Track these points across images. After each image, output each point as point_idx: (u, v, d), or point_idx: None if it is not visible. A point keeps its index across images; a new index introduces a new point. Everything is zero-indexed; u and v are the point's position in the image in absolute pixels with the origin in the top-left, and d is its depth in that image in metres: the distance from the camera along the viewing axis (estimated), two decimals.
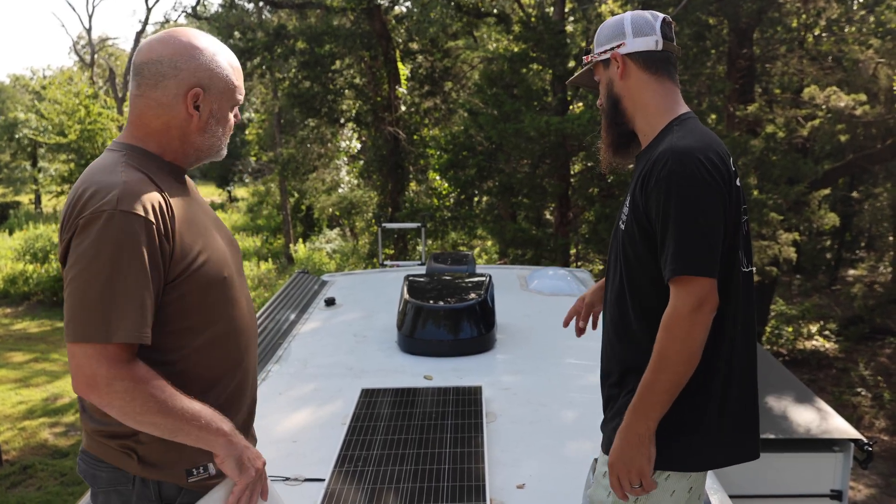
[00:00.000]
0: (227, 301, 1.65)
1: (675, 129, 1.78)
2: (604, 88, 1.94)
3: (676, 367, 1.65)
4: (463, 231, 12.60)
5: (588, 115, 9.99)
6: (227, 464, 1.58)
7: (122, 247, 1.45)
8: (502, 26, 13.43)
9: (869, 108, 10.89)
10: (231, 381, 1.68)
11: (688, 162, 1.66)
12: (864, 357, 12.01)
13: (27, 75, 29.66)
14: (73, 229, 1.48)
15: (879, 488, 8.06)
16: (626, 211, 1.82)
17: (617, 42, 1.88)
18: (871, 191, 14.40)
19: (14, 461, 7.58)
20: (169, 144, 1.64)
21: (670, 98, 1.86)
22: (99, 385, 1.43)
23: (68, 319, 1.45)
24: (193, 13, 15.67)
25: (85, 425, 1.62)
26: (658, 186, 1.68)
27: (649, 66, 1.85)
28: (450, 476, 2.54)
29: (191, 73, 1.61)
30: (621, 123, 1.92)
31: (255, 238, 21.65)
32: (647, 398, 1.68)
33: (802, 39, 11.95)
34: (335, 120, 14.60)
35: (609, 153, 1.98)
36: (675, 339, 1.64)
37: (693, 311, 1.63)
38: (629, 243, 1.78)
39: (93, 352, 1.43)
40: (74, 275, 1.45)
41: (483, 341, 3.91)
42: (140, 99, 1.62)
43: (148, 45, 1.62)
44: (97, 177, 1.53)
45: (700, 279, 1.63)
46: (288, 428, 3.09)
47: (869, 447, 3.50)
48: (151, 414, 1.46)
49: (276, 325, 4.41)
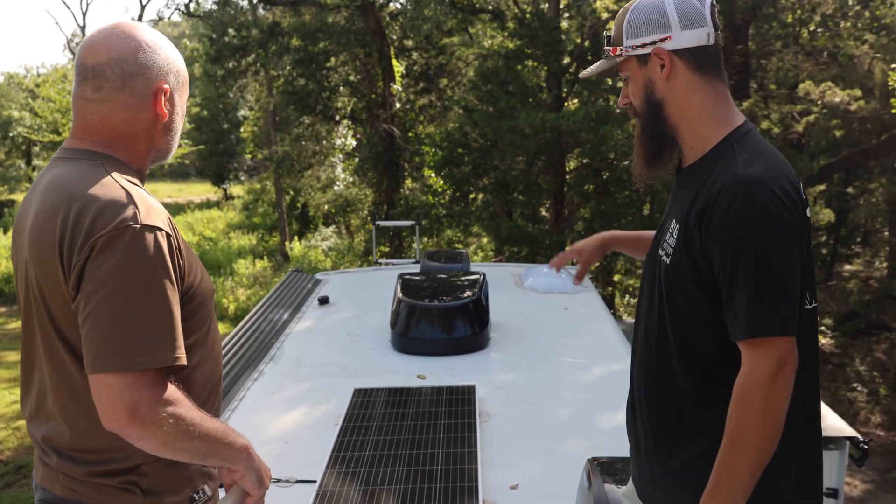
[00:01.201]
0: (212, 315, 1.61)
1: (735, 147, 1.48)
2: (639, 90, 1.60)
3: (761, 444, 1.39)
4: (458, 228, 12.58)
5: (583, 112, 9.97)
6: (248, 478, 1.53)
7: (154, 263, 1.35)
8: (497, 23, 13.40)
9: (864, 103, 10.88)
10: (217, 393, 1.65)
11: (761, 198, 1.38)
12: (860, 352, 12.01)
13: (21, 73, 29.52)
14: (90, 251, 1.33)
15: (875, 484, 8.06)
16: (671, 242, 1.54)
17: (661, 35, 1.54)
18: (866, 186, 14.39)
19: (8, 461, 7.55)
20: (135, 150, 1.53)
21: (723, 104, 1.56)
22: (142, 415, 1.31)
23: (99, 347, 1.31)
24: (187, 11, 15.60)
25: (64, 471, 1.47)
26: (724, 228, 1.40)
27: (700, 65, 1.54)
28: (442, 477, 2.52)
29: (157, 70, 1.51)
30: (664, 135, 1.60)
31: (250, 236, 21.59)
32: (730, 483, 1.42)
33: (798, 35, 11.94)
34: (330, 117, 14.56)
35: (645, 167, 1.66)
36: (756, 411, 1.38)
37: (773, 376, 1.38)
38: (675, 280, 1.52)
39: (133, 379, 1.31)
40: (102, 299, 1.32)
41: (477, 340, 3.88)
42: (101, 103, 1.48)
43: (103, 44, 1.48)
44: (92, 191, 1.38)
45: (780, 339, 1.38)
46: (280, 428, 3.07)
47: (864, 445, 3.48)
48: (191, 439, 1.37)
49: (269, 324, 4.38)
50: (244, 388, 3.48)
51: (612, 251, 2.24)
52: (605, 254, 2.23)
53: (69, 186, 1.41)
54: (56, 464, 1.48)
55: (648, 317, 1.64)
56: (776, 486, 1.52)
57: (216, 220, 24.86)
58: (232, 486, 1.56)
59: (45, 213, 1.42)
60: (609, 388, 3.39)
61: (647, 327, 1.64)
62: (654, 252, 1.65)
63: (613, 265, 12.60)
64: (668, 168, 1.66)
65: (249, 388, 3.48)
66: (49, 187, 1.45)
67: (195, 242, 20.07)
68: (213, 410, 1.61)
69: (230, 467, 1.51)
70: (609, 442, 2.84)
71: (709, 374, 1.52)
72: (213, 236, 21.56)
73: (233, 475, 1.54)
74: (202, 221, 24.45)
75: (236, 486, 1.56)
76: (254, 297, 14.74)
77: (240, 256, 18.26)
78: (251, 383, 3.54)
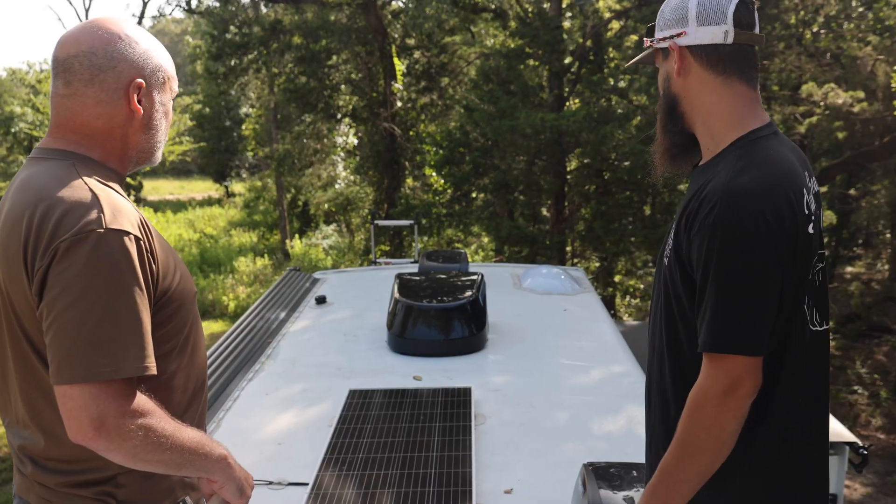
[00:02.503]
0: (194, 318, 1.55)
1: (737, 153, 1.44)
2: (660, 82, 1.61)
3: (700, 457, 1.38)
4: (459, 228, 12.55)
5: (584, 112, 9.94)
6: (228, 488, 1.49)
7: (119, 269, 1.29)
8: (499, 22, 13.36)
9: (867, 105, 10.84)
10: (201, 398, 1.60)
11: (741, 209, 1.34)
12: (861, 355, 11.97)
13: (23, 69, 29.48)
14: (52, 255, 1.28)
15: (876, 487, 8.02)
16: (670, 244, 1.53)
17: (677, 29, 1.51)
18: (868, 188, 14.36)
19: (6, 457, 7.53)
20: (112, 149, 1.46)
21: (740, 106, 1.50)
22: (108, 427, 1.25)
23: (62, 357, 1.26)
24: (188, 8, 15.56)
25: (39, 480, 1.43)
26: (701, 234, 1.38)
27: (714, 63, 1.50)
28: (436, 480, 2.49)
29: (129, 64, 1.43)
30: (678, 129, 1.59)
31: (251, 233, 21.58)
32: (667, 484, 1.43)
33: (800, 36, 11.89)
34: (331, 115, 14.53)
35: (661, 159, 1.64)
36: (701, 424, 1.37)
37: (723, 394, 1.35)
38: (671, 282, 1.51)
39: (98, 391, 1.25)
40: (65, 306, 1.26)
41: (474, 341, 3.85)
42: (72, 99, 1.42)
43: (74, 37, 1.43)
44: (57, 192, 1.32)
45: (737, 357, 1.34)
46: (273, 429, 3.04)
47: (864, 451, 3.45)
48: (162, 450, 1.32)
49: (266, 323, 4.35)
50: (238, 388, 3.46)
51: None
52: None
53: (37, 188, 1.36)
54: (31, 472, 1.44)
55: (654, 317, 1.64)
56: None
57: (217, 218, 24.86)
58: (212, 496, 1.53)
59: (12, 214, 1.37)
60: (607, 392, 3.36)
61: (653, 328, 1.64)
62: (662, 252, 1.63)
63: (614, 266, 12.57)
64: (685, 163, 1.64)
65: (244, 388, 3.45)
66: (19, 188, 1.40)
67: (196, 240, 20.04)
68: (196, 417, 1.56)
69: (208, 477, 1.47)
70: (605, 446, 2.81)
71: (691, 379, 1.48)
72: (214, 234, 21.54)
73: (212, 485, 1.50)
74: (203, 219, 24.45)
75: (216, 497, 1.52)
76: (254, 294, 14.72)
77: (240, 254, 18.24)
78: (246, 383, 3.51)
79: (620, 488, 2.07)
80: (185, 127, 27.69)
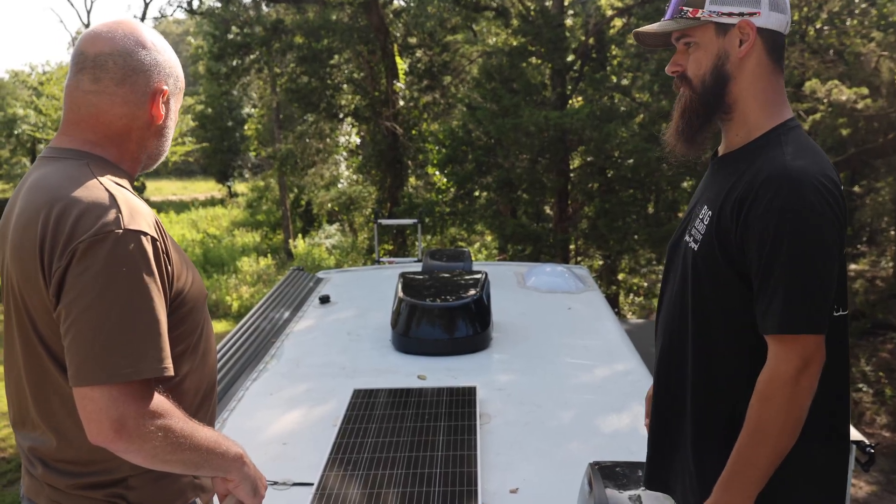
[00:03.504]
0: (206, 320, 1.55)
1: (782, 140, 1.46)
2: (709, 59, 1.52)
3: (779, 439, 1.40)
4: (462, 226, 12.54)
5: (587, 110, 9.92)
6: (243, 487, 1.48)
7: (138, 270, 1.29)
8: (501, 20, 13.34)
9: (871, 101, 10.80)
10: (211, 400, 1.60)
11: (807, 192, 1.37)
12: (866, 353, 11.94)
13: (26, 71, 29.51)
14: (70, 256, 1.27)
15: (881, 485, 8.00)
16: (700, 228, 1.52)
17: (751, 8, 1.48)
18: (872, 185, 14.31)
19: (10, 458, 7.54)
20: (127, 151, 1.47)
21: (780, 95, 1.53)
22: (129, 429, 1.25)
23: (82, 359, 1.26)
24: (190, 8, 15.57)
25: (49, 482, 1.43)
26: (767, 218, 1.38)
27: (774, 51, 1.51)
28: (441, 480, 2.48)
29: (159, 71, 1.47)
30: (717, 111, 1.54)
31: (254, 233, 21.60)
32: (745, 472, 1.43)
33: (804, 33, 11.86)
34: (334, 115, 14.52)
35: (683, 143, 1.59)
36: (778, 406, 1.39)
37: (798, 374, 1.37)
38: (705, 270, 1.50)
39: (118, 392, 1.25)
40: (84, 308, 1.26)
41: (478, 340, 3.84)
42: (99, 96, 1.42)
43: (108, 35, 1.44)
44: (73, 192, 1.32)
45: (809, 337, 1.38)
46: (278, 429, 3.04)
47: (871, 449, 3.43)
48: (181, 450, 1.32)
49: (270, 323, 4.35)
50: (243, 387, 3.45)
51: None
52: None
53: (52, 188, 1.35)
54: (41, 474, 1.44)
55: (671, 308, 1.62)
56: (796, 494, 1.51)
57: (220, 218, 24.88)
58: (226, 495, 1.52)
59: (26, 215, 1.36)
60: (612, 390, 3.34)
61: (670, 316, 1.62)
62: (680, 239, 1.62)
63: (618, 264, 12.55)
64: (703, 149, 1.60)
65: (248, 388, 3.45)
66: (32, 188, 1.40)
67: (199, 240, 20.06)
68: (206, 418, 1.56)
69: (224, 477, 1.46)
70: (611, 445, 2.80)
71: (721, 363, 1.51)
72: (217, 234, 21.56)
73: (227, 485, 1.49)
74: (206, 219, 24.47)
75: (231, 497, 1.51)
76: (257, 294, 14.73)
77: (243, 254, 18.26)
78: (250, 383, 3.51)
79: (627, 487, 2.06)
80: (187, 127, 27.71)
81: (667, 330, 1.64)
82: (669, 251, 1.67)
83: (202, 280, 1.56)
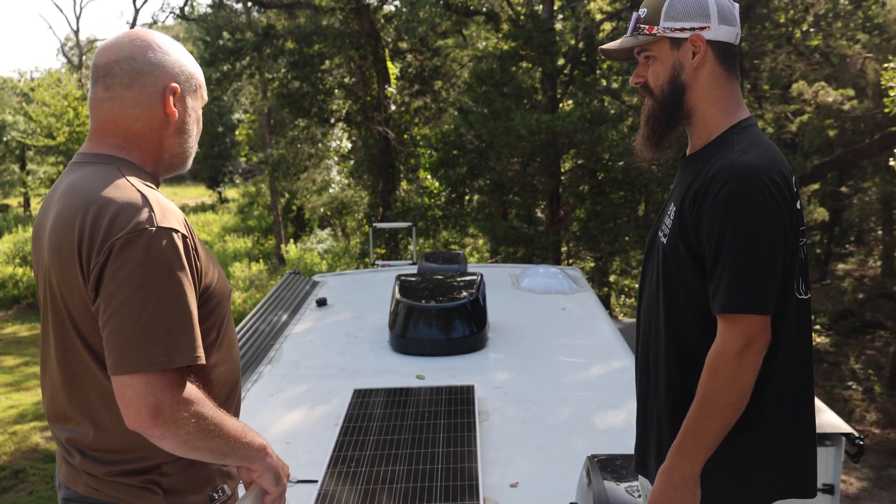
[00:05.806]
0: (228, 315, 1.62)
1: (735, 138, 1.59)
2: (665, 71, 1.66)
3: (724, 410, 1.52)
4: (455, 230, 12.59)
5: (578, 113, 10.00)
6: (266, 477, 1.55)
7: (171, 264, 1.37)
8: (491, 25, 13.42)
9: (857, 103, 10.94)
10: (237, 391, 1.67)
11: (751, 183, 1.50)
12: (855, 351, 12.06)
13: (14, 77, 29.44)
14: (107, 253, 1.35)
15: (871, 481, 8.10)
16: (668, 223, 1.65)
17: (701, 23, 1.61)
18: (859, 185, 14.46)
19: (5, 466, 7.54)
20: (150, 152, 1.54)
21: (735, 100, 1.66)
22: (164, 414, 1.33)
23: (121, 349, 1.33)
24: (181, 14, 15.58)
25: (87, 470, 1.49)
26: (714, 209, 1.51)
27: (726, 60, 1.64)
28: (443, 476, 2.54)
29: (166, 69, 1.52)
30: (677, 118, 1.68)
31: (245, 239, 21.57)
32: (693, 440, 1.55)
33: (790, 35, 11.99)
34: (325, 120, 14.55)
35: (649, 148, 1.73)
36: (722, 380, 1.51)
37: (742, 350, 1.49)
38: (672, 259, 1.63)
39: (154, 380, 1.33)
40: (122, 301, 1.34)
41: (475, 340, 3.90)
42: (112, 102, 1.50)
43: (114, 45, 1.51)
44: (108, 194, 1.40)
45: (752, 317, 1.49)
46: (280, 429, 3.09)
47: (860, 441, 3.51)
48: (211, 438, 1.39)
49: (268, 326, 4.39)
50: (244, 389, 3.50)
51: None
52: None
53: (86, 190, 1.43)
54: (79, 463, 1.50)
55: (648, 298, 1.74)
56: (763, 477, 1.61)
57: (211, 224, 24.83)
58: (250, 484, 1.59)
59: (63, 217, 1.43)
60: (606, 387, 3.41)
61: (647, 309, 1.74)
62: (655, 235, 1.74)
63: (609, 266, 12.63)
64: (670, 152, 1.74)
65: (249, 390, 3.50)
66: (67, 192, 1.47)
67: None
68: (232, 409, 1.63)
69: (248, 466, 1.53)
70: (607, 439, 2.86)
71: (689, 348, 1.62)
72: (208, 240, 21.53)
73: (251, 474, 1.56)
74: (197, 225, 24.41)
75: (255, 485, 1.58)
76: (250, 300, 14.72)
77: (235, 260, 18.25)
78: (251, 385, 3.56)
79: (625, 479, 2.12)
80: None
81: (645, 320, 1.76)
82: (647, 247, 1.79)
83: (226, 278, 1.63)
